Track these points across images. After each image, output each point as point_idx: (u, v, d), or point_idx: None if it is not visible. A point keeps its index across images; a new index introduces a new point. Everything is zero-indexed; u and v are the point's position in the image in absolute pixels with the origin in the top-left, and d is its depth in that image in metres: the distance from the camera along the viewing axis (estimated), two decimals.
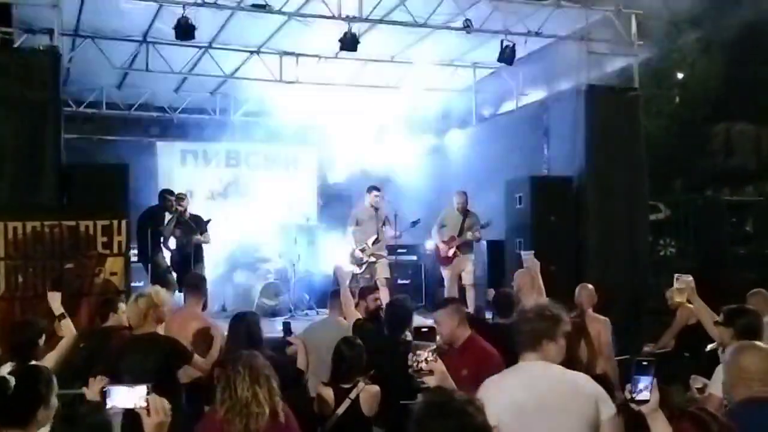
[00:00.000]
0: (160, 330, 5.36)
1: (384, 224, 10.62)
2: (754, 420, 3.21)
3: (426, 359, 2.94)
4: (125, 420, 3.93)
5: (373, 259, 10.46)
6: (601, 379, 3.74)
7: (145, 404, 2.64)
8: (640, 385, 2.89)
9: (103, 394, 2.71)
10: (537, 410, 3.25)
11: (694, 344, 7.79)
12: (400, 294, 8.24)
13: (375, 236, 10.50)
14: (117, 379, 3.89)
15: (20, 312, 7.47)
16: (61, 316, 5.43)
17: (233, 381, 3.81)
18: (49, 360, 5.01)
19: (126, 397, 2.66)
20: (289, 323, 6.58)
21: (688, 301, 5.50)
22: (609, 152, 10.28)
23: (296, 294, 11.85)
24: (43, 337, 5.14)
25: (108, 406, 2.70)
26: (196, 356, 5.30)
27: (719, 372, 4.08)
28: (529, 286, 6.67)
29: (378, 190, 10.65)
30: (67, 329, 5.36)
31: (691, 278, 5.44)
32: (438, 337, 3.08)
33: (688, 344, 7.86)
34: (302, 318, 10.62)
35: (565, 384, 3.37)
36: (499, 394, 3.27)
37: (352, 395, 4.90)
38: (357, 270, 10.54)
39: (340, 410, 4.87)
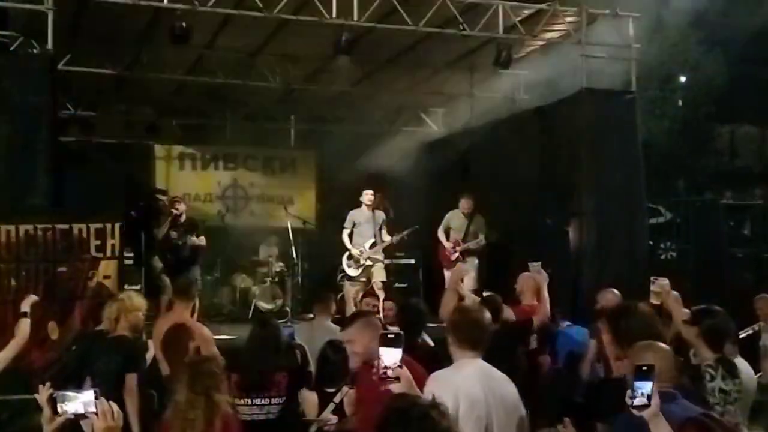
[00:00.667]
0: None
1: (381, 228, 10.60)
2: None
3: (392, 366, 2.90)
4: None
5: (369, 262, 10.43)
6: None
7: (94, 409, 2.64)
8: (641, 391, 2.88)
9: (53, 400, 2.70)
10: (493, 405, 3.42)
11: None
12: (410, 298, 8.10)
13: (372, 239, 10.48)
14: (81, 381, 3.92)
15: (12, 316, 7.47)
16: (23, 315, 5.41)
17: (176, 386, 3.88)
18: None
19: (76, 402, 2.66)
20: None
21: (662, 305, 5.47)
22: (606, 155, 10.23)
23: (294, 297, 11.85)
24: None
25: (59, 412, 2.69)
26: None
27: None
28: (532, 291, 6.67)
29: (372, 189, 10.62)
30: (22, 330, 5.32)
31: (666, 281, 5.42)
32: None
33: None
34: (300, 321, 10.59)
35: (507, 384, 3.58)
36: (452, 387, 3.36)
37: (337, 399, 4.89)
38: (355, 273, 10.53)
39: (324, 414, 4.87)
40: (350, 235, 10.56)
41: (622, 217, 10.30)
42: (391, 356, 2.90)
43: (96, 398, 2.65)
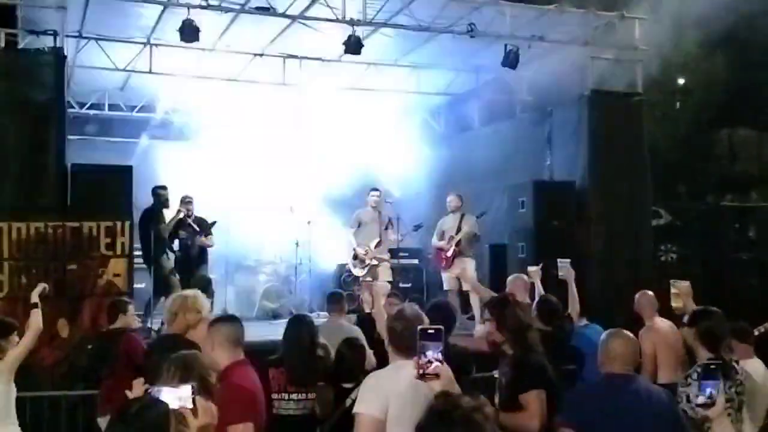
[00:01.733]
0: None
1: (386, 227, 10.62)
2: (611, 389, 3.98)
3: (432, 362, 2.80)
4: None
5: (375, 262, 10.45)
6: None
7: (191, 405, 2.56)
8: (708, 390, 2.86)
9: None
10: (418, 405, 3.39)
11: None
12: (440, 298, 8.05)
13: (377, 239, 10.51)
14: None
15: (23, 313, 7.48)
16: (34, 305, 5.41)
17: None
18: (10, 357, 5.03)
19: (171, 397, 2.56)
20: None
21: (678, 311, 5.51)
22: (611, 157, 10.29)
23: (298, 296, 11.85)
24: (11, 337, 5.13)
25: None
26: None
27: None
28: (522, 291, 6.74)
29: (377, 190, 10.67)
30: (34, 322, 5.32)
31: (687, 284, 5.45)
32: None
33: None
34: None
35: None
36: (390, 386, 3.46)
37: (353, 395, 4.90)
38: (360, 272, 10.56)
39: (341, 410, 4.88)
40: (355, 235, 10.59)
41: (627, 219, 10.35)
42: (431, 352, 2.81)
43: (193, 394, 2.58)
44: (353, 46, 9.70)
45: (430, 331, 2.83)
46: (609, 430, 3.78)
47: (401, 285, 11.50)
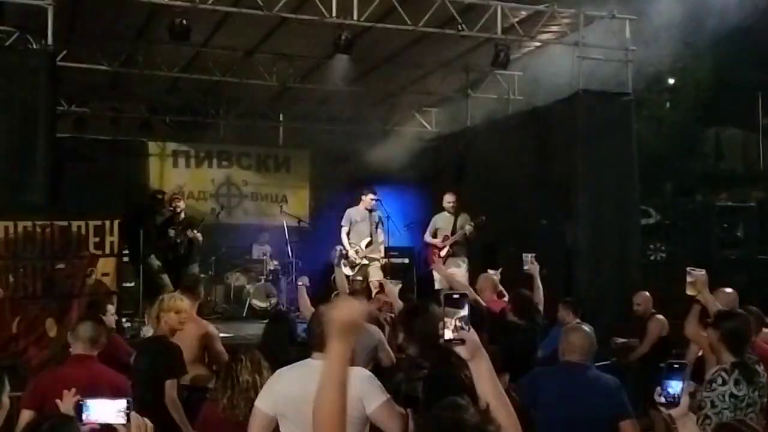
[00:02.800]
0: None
1: (377, 227, 10.63)
2: (569, 375, 4.54)
3: (456, 327, 2.56)
4: None
5: (365, 261, 10.46)
6: None
7: (124, 420, 2.44)
8: (670, 389, 2.83)
9: (79, 408, 2.53)
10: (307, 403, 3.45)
11: (665, 356, 7.86)
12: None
13: (369, 239, 10.52)
14: None
15: (11, 312, 7.45)
16: None
17: (235, 370, 4.04)
18: None
19: (104, 411, 2.45)
20: None
21: (694, 297, 5.51)
22: (601, 156, 10.29)
23: (288, 295, 11.84)
24: None
25: (83, 421, 2.49)
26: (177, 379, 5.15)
27: None
28: (491, 288, 7.07)
29: (375, 193, 10.68)
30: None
31: (703, 272, 5.47)
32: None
33: (660, 355, 7.92)
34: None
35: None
36: (281, 385, 3.66)
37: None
38: (349, 272, 10.55)
39: None
40: (347, 234, 10.59)
41: (615, 218, 10.38)
42: (455, 317, 2.57)
43: (128, 409, 2.45)
44: (344, 45, 9.68)
45: (454, 296, 2.60)
46: (565, 408, 4.38)
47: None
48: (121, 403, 2.47)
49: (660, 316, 7.98)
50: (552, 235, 10.15)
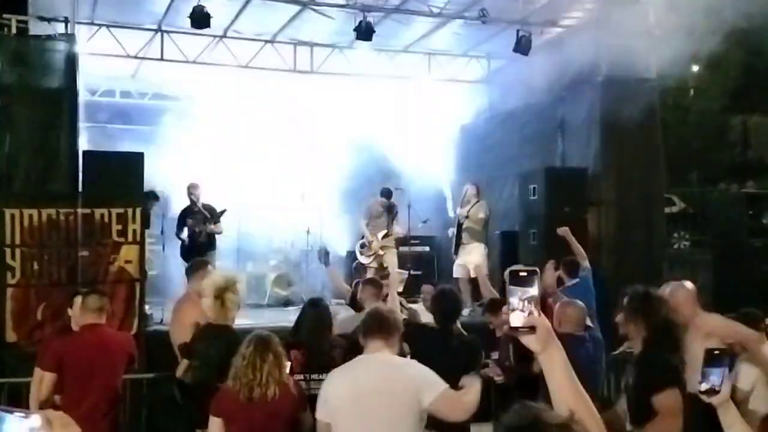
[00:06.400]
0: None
1: (395, 219, 10.85)
2: (569, 348, 4.11)
3: (525, 310, 2.11)
4: None
5: (382, 252, 10.66)
6: None
7: None
8: (712, 377, 2.74)
9: None
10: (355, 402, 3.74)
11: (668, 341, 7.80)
12: (445, 285, 8.11)
13: (385, 231, 10.74)
14: None
15: (36, 299, 7.52)
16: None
17: (249, 355, 4.10)
18: None
19: (18, 426, 2.06)
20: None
21: None
22: (625, 143, 10.20)
23: (308, 284, 11.85)
24: None
25: None
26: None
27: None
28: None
29: (387, 197, 10.86)
30: None
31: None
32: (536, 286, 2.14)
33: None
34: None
35: (392, 370, 3.87)
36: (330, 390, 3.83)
37: None
38: (366, 260, 10.68)
39: None
40: (366, 226, 10.87)
41: (640, 206, 10.28)
42: (521, 298, 2.13)
43: (42, 429, 2.05)
44: (364, 32, 9.66)
45: (522, 273, 2.14)
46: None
47: (412, 272, 11.51)
48: (36, 420, 2.06)
49: None
50: (576, 223, 10.04)
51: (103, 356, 5.16)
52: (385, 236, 10.72)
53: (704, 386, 2.76)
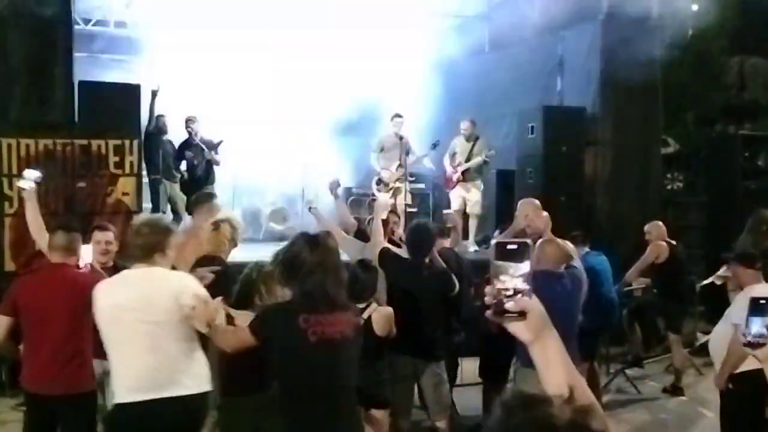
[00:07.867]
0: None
1: (408, 153, 10.76)
2: (545, 284, 4.37)
3: (515, 292, 1.72)
4: None
5: (398, 185, 10.65)
6: None
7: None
8: (755, 327, 2.54)
9: None
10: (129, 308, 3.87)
11: (667, 281, 7.93)
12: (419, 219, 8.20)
13: (398, 162, 10.67)
14: None
15: None
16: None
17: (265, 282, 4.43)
18: None
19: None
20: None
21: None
22: (623, 83, 10.12)
23: (305, 218, 11.86)
24: None
25: None
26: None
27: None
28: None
29: (400, 116, 10.75)
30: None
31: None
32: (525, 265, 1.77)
33: (661, 281, 8.01)
34: None
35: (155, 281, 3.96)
36: (104, 297, 3.95)
37: (365, 315, 4.98)
38: (385, 197, 10.64)
39: None
40: (378, 159, 10.82)
41: (637, 146, 10.30)
42: (510, 276, 1.73)
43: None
44: None
45: (510, 246, 1.74)
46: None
47: (408, 210, 11.55)
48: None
49: (659, 243, 7.97)
50: (572, 162, 10.07)
51: (62, 300, 4.51)
52: (398, 168, 10.68)
53: (749, 338, 2.57)
